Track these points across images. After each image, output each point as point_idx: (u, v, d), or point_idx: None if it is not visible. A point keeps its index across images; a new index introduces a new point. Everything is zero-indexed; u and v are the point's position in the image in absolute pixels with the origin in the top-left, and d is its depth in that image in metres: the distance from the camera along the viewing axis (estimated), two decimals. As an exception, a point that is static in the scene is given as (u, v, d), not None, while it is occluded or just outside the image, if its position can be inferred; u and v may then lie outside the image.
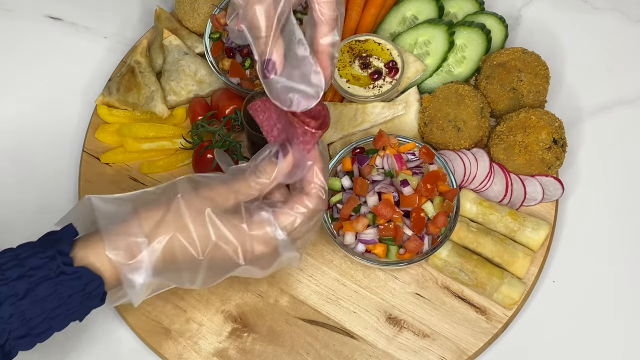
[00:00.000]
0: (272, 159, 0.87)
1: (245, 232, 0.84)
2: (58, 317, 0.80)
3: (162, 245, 0.81)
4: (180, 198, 0.83)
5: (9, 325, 0.77)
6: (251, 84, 1.19)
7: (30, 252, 0.79)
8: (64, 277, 0.79)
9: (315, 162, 0.88)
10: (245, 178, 0.87)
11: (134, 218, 0.82)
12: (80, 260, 0.80)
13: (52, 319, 0.80)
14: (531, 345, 1.08)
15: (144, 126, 1.20)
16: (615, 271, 1.13)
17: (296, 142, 0.87)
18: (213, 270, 0.85)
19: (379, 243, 1.05)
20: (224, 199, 0.85)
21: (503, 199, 1.13)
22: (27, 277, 0.77)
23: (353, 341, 1.06)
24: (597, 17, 1.36)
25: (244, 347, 1.06)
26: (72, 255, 0.80)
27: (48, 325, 0.80)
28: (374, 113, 1.18)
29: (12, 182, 1.21)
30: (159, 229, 0.82)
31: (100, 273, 0.80)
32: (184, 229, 0.82)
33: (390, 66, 1.19)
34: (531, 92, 1.17)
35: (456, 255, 1.08)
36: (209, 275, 0.86)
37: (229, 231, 0.83)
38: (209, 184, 0.86)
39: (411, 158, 1.10)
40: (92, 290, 0.80)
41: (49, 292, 0.78)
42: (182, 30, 1.29)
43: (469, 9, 1.28)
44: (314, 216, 0.88)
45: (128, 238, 0.81)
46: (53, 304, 0.79)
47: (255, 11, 0.83)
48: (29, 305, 0.77)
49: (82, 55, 1.33)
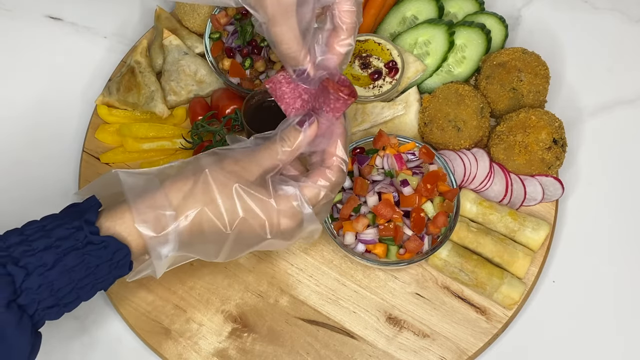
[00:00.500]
0: (295, 127, 0.89)
1: (272, 207, 0.85)
2: (86, 287, 0.81)
3: (190, 219, 0.82)
4: (208, 172, 0.84)
5: (38, 295, 0.78)
6: (251, 84, 1.19)
7: (56, 223, 0.80)
8: (92, 247, 0.80)
9: (339, 134, 0.90)
10: (268, 146, 0.88)
11: (161, 191, 0.83)
12: (107, 230, 0.81)
13: (80, 289, 0.81)
14: (531, 345, 1.08)
15: (144, 126, 1.20)
16: (615, 271, 1.13)
17: (325, 110, 0.90)
18: (239, 244, 0.87)
19: (379, 243, 1.05)
20: (249, 171, 0.86)
21: (503, 199, 1.13)
22: (55, 248, 0.78)
23: (353, 341, 1.06)
24: (597, 17, 1.36)
25: (244, 347, 1.06)
26: (99, 224, 0.81)
27: (76, 295, 0.81)
28: (374, 113, 1.18)
29: (12, 182, 1.21)
30: (187, 202, 0.83)
31: (128, 243, 0.81)
32: (211, 203, 0.83)
33: (390, 66, 1.19)
34: (531, 92, 1.17)
35: (456, 255, 1.08)
36: (235, 249, 0.87)
37: (256, 205, 0.84)
38: (234, 156, 0.87)
39: (411, 158, 1.10)
40: (119, 260, 0.81)
41: (77, 262, 0.79)
42: (182, 30, 1.30)
43: (469, 9, 1.28)
44: (335, 189, 0.90)
45: (156, 211, 0.82)
46: (81, 274, 0.80)
47: (282, 31, 0.87)
48: (58, 276, 0.78)
49: (82, 55, 1.33)
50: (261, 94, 1.14)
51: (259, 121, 1.13)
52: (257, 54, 1.19)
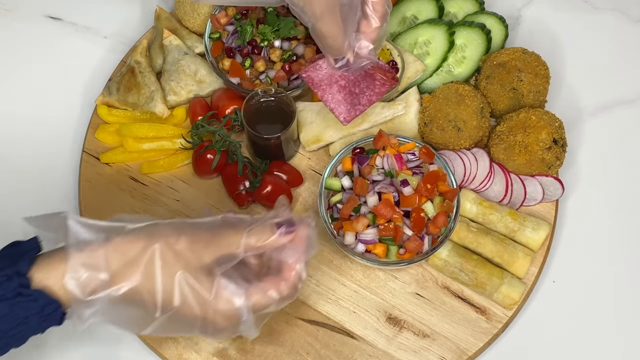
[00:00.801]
0: (272, 226, 0.84)
1: (211, 306, 0.81)
2: (16, 335, 0.79)
3: (121, 292, 0.79)
4: (157, 248, 0.80)
5: None
6: (251, 84, 1.19)
7: None
8: (21, 299, 0.77)
9: (305, 252, 0.86)
10: (233, 234, 0.83)
11: (104, 249, 0.79)
12: (39, 282, 0.78)
13: (10, 337, 0.79)
14: (531, 345, 1.08)
15: (144, 126, 1.20)
16: (615, 271, 1.13)
17: (369, 95, 1.04)
18: (164, 328, 0.82)
19: (379, 243, 1.05)
20: (200, 258, 0.81)
21: (503, 199, 1.13)
22: None
23: (353, 341, 1.06)
24: (597, 17, 1.36)
25: (244, 347, 1.06)
26: (30, 275, 0.78)
27: (5, 343, 0.79)
28: (374, 113, 1.18)
29: (12, 182, 1.21)
30: (126, 270, 0.79)
31: (58, 297, 0.78)
32: (149, 280, 0.79)
33: (390, 66, 1.19)
34: (531, 92, 1.16)
35: (456, 255, 1.08)
36: (158, 331, 0.83)
37: (195, 299, 0.80)
38: (193, 235, 0.82)
39: (411, 158, 1.10)
40: (50, 312, 0.79)
41: (6, 312, 0.77)
42: (182, 30, 1.29)
43: (469, 9, 1.28)
44: (283, 303, 0.85)
45: (90, 271, 0.78)
46: (10, 324, 0.78)
47: (329, 26, 0.94)
48: None
49: (82, 55, 1.33)
50: (261, 94, 1.14)
51: (258, 121, 1.13)
52: (257, 54, 1.19)
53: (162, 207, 1.16)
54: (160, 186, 1.18)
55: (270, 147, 1.15)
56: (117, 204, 1.17)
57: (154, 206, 1.16)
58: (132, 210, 1.16)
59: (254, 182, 1.13)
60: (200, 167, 1.16)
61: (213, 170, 1.16)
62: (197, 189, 1.18)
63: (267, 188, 1.13)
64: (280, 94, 1.14)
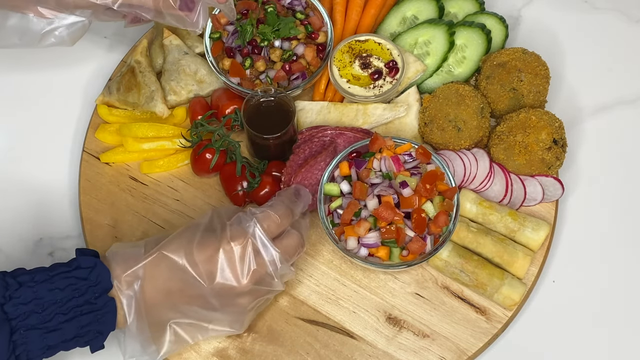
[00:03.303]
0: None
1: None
2: (72, 321, 0.90)
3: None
4: (137, 289, 0.95)
5: (25, 307, 0.88)
6: (251, 84, 1.19)
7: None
8: (78, 271, 0.93)
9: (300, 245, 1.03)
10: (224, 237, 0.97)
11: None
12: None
13: (64, 315, 0.90)
14: (531, 345, 1.08)
15: (144, 126, 1.20)
16: (615, 271, 1.13)
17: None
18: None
19: (381, 246, 1.04)
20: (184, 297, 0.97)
21: (503, 199, 1.13)
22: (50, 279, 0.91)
23: (353, 341, 1.06)
24: (597, 17, 1.36)
25: (243, 347, 1.06)
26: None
27: (59, 321, 0.90)
28: (376, 114, 1.18)
29: (12, 182, 1.21)
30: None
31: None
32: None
33: (391, 66, 1.19)
34: (531, 92, 1.17)
35: (457, 255, 1.08)
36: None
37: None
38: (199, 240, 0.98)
39: (408, 159, 1.09)
40: (102, 284, 0.93)
41: (65, 285, 0.90)
42: (182, 30, 1.29)
43: (469, 9, 1.28)
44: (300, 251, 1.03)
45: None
46: (67, 295, 0.90)
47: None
48: (45, 293, 0.89)
49: (82, 55, 1.33)
50: (261, 94, 1.14)
51: (258, 121, 1.13)
52: (257, 54, 1.19)
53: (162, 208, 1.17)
54: (160, 186, 1.19)
55: (270, 147, 1.15)
56: (117, 204, 1.17)
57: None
58: (133, 210, 1.16)
59: (253, 182, 1.13)
60: (198, 165, 1.16)
61: (211, 170, 1.16)
62: (197, 189, 1.18)
63: (265, 189, 1.12)
64: (280, 94, 1.14)
